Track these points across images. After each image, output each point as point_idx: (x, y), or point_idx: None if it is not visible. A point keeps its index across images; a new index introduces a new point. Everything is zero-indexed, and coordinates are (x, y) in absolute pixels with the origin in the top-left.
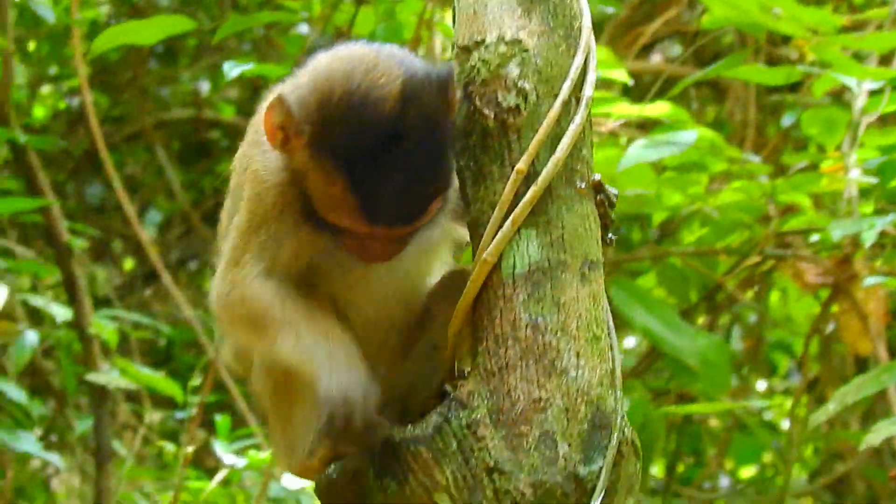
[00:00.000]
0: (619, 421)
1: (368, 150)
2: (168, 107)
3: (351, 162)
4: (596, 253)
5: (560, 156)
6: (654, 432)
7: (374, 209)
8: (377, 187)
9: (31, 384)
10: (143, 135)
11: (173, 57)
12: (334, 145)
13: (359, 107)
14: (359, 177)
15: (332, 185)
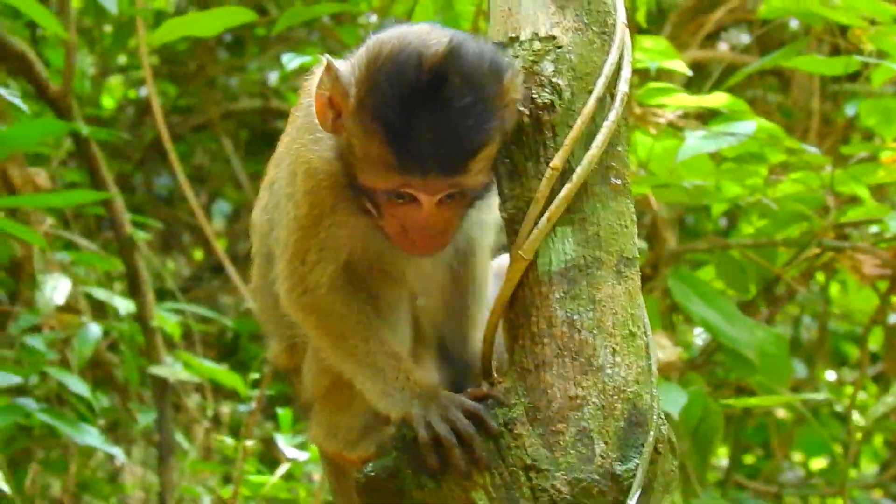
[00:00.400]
0: (656, 418)
1: (405, 99)
2: (236, 97)
3: (388, 111)
4: (632, 250)
5: (595, 152)
6: (714, 425)
7: (408, 158)
8: (412, 135)
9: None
10: (210, 125)
11: (241, 47)
12: (376, 98)
13: (403, 60)
14: (395, 126)
15: (370, 141)
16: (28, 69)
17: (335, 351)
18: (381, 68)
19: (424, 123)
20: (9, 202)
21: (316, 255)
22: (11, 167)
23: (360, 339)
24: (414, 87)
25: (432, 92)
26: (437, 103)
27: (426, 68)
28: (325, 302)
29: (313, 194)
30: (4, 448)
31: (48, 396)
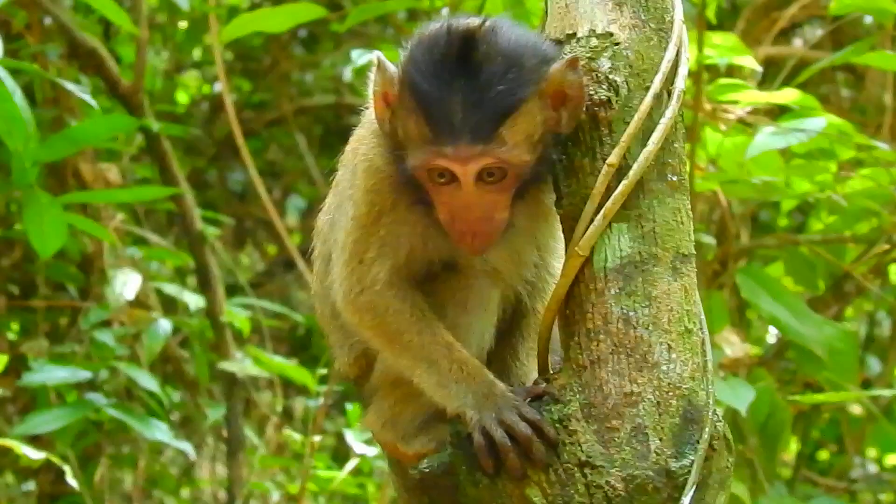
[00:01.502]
0: (711, 415)
1: (435, 68)
2: (310, 92)
3: (421, 83)
4: (688, 246)
5: (651, 149)
6: (781, 421)
7: (436, 123)
8: (439, 101)
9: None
10: (284, 121)
11: (315, 42)
12: (412, 74)
13: (436, 33)
14: (426, 94)
15: (409, 117)
16: (100, 65)
17: (392, 348)
18: (418, 45)
19: (454, 90)
20: (80, 198)
21: (374, 253)
22: (82, 163)
23: (414, 332)
24: (444, 54)
25: (462, 59)
26: (467, 69)
27: (456, 36)
28: (381, 299)
29: (374, 192)
30: (74, 443)
31: (118, 392)
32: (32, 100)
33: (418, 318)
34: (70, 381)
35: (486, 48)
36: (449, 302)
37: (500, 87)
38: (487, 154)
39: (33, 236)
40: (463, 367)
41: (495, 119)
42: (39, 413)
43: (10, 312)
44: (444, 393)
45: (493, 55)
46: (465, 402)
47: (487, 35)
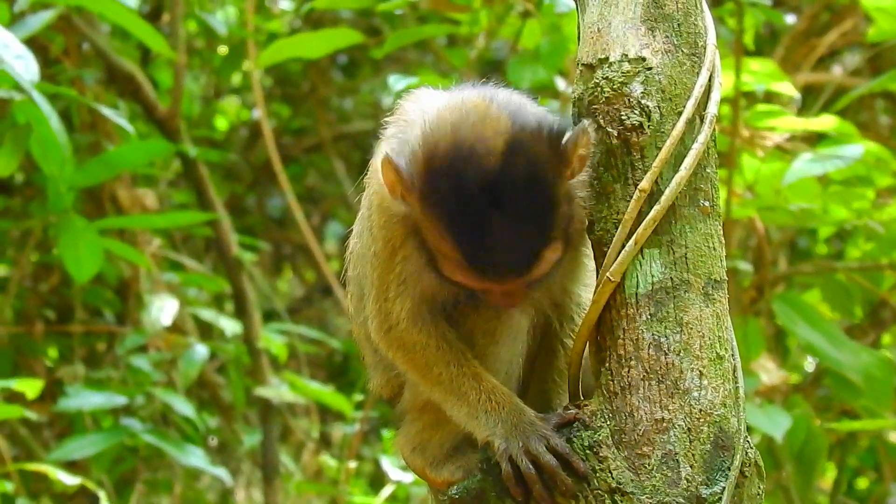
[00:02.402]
0: (743, 441)
1: (470, 205)
2: (349, 118)
3: (455, 217)
4: (720, 272)
5: (684, 174)
6: (818, 448)
7: (479, 264)
8: (479, 242)
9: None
10: (323, 146)
11: (355, 68)
12: (441, 200)
13: (462, 161)
14: (462, 232)
15: (441, 240)
16: (137, 90)
17: (424, 381)
18: (441, 169)
19: (490, 233)
20: (116, 223)
21: (395, 291)
22: (119, 188)
23: (443, 365)
24: (478, 193)
25: (494, 201)
26: (500, 213)
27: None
28: (408, 336)
29: (386, 228)
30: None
31: (154, 417)
32: (70, 125)
33: (445, 350)
34: (106, 407)
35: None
36: (478, 331)
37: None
38: (527, 279)
39: (69, 261)
40: (492, 396)
41: (535, 253)
42: (75, 438)
43: (47, 338)
44: (474, 424)
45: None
46: (494, 433)
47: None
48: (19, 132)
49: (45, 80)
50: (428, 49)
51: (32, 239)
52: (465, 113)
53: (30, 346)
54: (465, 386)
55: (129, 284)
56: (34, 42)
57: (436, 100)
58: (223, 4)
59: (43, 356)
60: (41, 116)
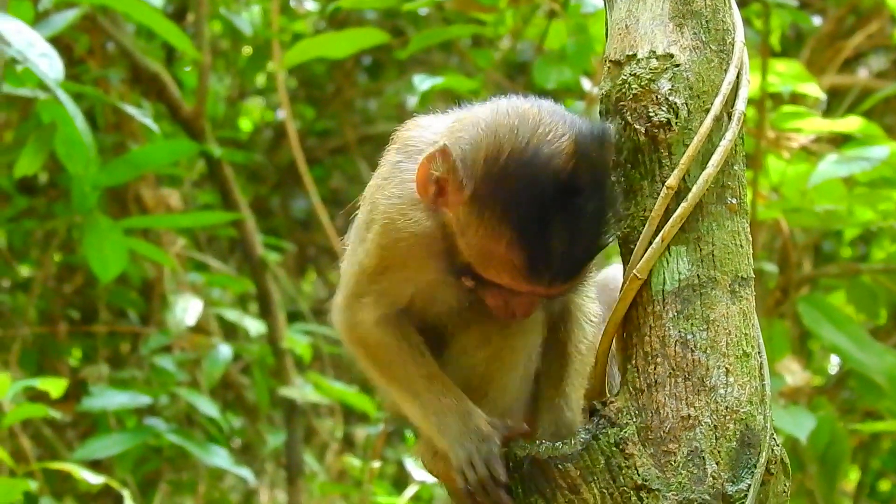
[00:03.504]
0: (769, 439)
1: (542, 207)
2: (373, 120)
3: (523, 219)
4: (747, 269)
5: (711, 172)
6: (842, 450)
7: (537, 267)
8: (546, 245)
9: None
10: (347, 148)
11: (379, 70)
12: (504, 202)
13: (531, 164)
14: (529, 234)
15: (496, 242)
16: (161, 90)
17: (382, 378)
18: (507, 170)
19: (558, 235)
20: (140, 222)
21: (371, 299)
22: (144, 189)
23: (400, 365)
24: (549, 196)
25: (567, 201)
26: (572, 213)
27: (559, 171)
28: (372, 334)
29: (386, 249)
30: (134, 469)
31: (178, 418)
32: (94, 125)
33: (405, 349)
34: (130, 407)
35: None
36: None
37: (600, 229)
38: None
39: (93, 261)
40: (441, 398)
41: (590, 260)
42: (99, 438)
43: (71, 338)
44: (426, 425)
45: (592, 194)
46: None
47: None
48: (44, 131)
49: (69, 80)
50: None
51: (56, 239)
52: (520, 117)
53: (54, 347)
54: (417, 385)
55: (154, 285)
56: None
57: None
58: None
59: (67, 356)
60: (66, 115)
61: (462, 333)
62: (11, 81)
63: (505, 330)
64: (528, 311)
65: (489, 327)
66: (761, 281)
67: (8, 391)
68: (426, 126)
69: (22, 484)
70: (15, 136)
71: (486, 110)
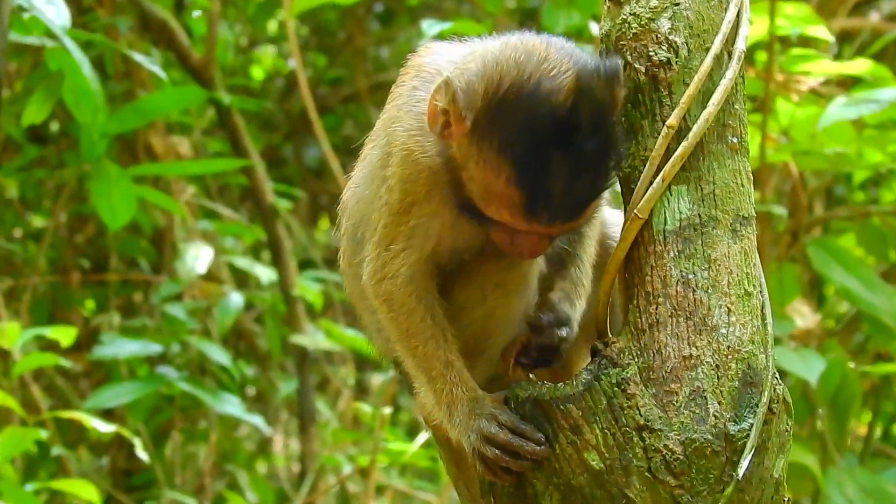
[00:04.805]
0: (771, 378)
1: (539, 143)
2: (385, 68)
3: (519, 154)
4: (748, 208)
5: (712, 111)
6: (852, 393)
7: (536, 205)
8: (544, 182)
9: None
10: (359, 96)
11: (392, 17)
12: (501, 135)
13: (530, 97)
14: (526, 170)
15: (495, 176)
16: (170, 39)
17: (400, 345)
18: (505, 102)
19: (556, 173)
20: (148, 170)
21: (401, 244)
22: (154, 137)
23: (421, 339)
24: (546, 131)
25: (565, 138)
26: (571, 147)
27: (558, 106)
28: (400, 293)
29: (409, 182)
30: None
31: (189, 366)
32: (103, 73)
33: (428, 325)
34: (141, 355)
35: (586, 124)
36: (488, 285)
37: (600, 169)
38: (575, 225)
39: (102, 209)
40: (454, 389)
41: (592, 201)
42: (110, 387)
43: (83, 287)
44: (440, 414)
45: (591, 132)
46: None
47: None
48: (51, 80)
49: (77, 28)
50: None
51: (67, 189)
52: (527, 52)
53: (65, 296)
54: (434, 370)
55: (164, 233)
56: None
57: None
58: None
59: (79, 306)
60: (73, 63)
61: (461, 291)
62: (18, 30)
63: (501, 288)
64: (535, 251)
65: (486, 284)
66: (771, 224)
67: (17, 340)
68: (441, 52)
69: (33, 433)
70: (24, 85)
71: (497, 43)
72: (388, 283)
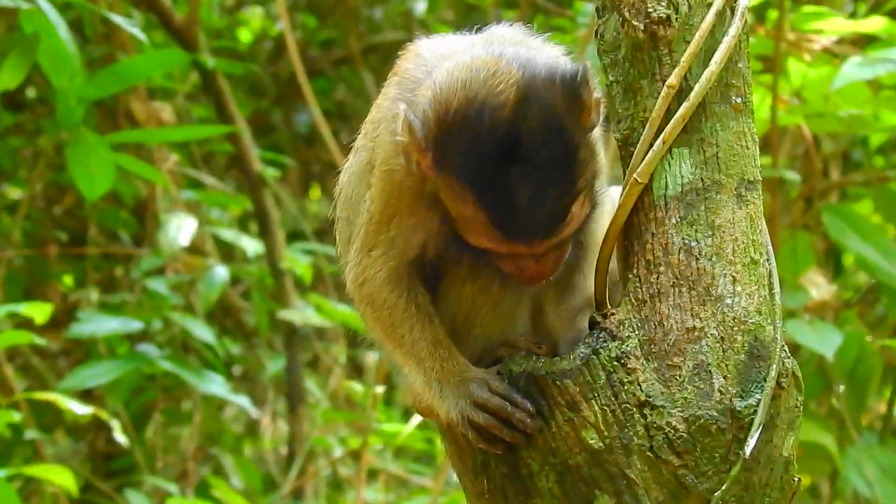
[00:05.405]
0: (779, 351)
1: (488, 162)
2: (379, 29)
3: (474, 177)
4: (753, 172)
5: (714, 69)
6: (871, 367)
7: (506, 225)
8: (503, 201)
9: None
10: (352, 59)
11: None
12: (457, 161)
13: (475, 118)
14: (483, 192)
15: (461, 204)
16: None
17: (387, 340)
18: (454, 128)
19: (512, 187)
20: (128, 137)
21: (381, 251)
22: (134, 102)
23: (406, 328)
24: (494, 149)
25: (511, 150)
26: (524, 164)
27: (500, 122)
28: (379, 293)
29: (390, 195)
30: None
31: (172, 344)
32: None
33: (412, 312)
34: (121, 332)
35: (531, 138)
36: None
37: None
38: (560, 237)
39: (80, 178)
40: (444, 364)
41: (563, 209)
42: (88, 366)
43: (61, 261)
44: (430, 394)
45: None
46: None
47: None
48: (26, 43)
49: None
50: None
51: (44, 157)
52: (475, 69)
53: (42, 271)
54: (423, 351)
55: (146, 204)
56: None
57: (442, 57)
58: None
59: (56, 281)
60: (49, 26)
61: (454, 266)
62: None
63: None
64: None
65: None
66: (783, 190)
67: None
68: (423, 54)
69: (6, 415)
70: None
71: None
72: (367, 286)
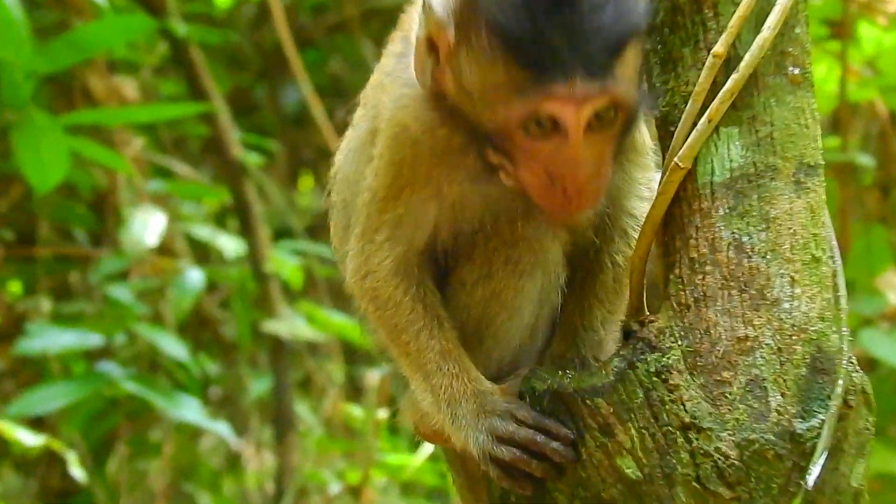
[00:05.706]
0: (846, 364)
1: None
2: None
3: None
4: (814, 155)
5: (767, 36)
6: None
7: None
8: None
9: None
10: (347, 26)
11: None
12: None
13: None
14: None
15: (489, 62)
16: None
17: (392, 345)
18: None
19: (553, 22)
20: (86, 117)
21: (386, 235)
22: (92, 76)
23: (412, 333)
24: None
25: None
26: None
27: None
28: (384, 288)
29: (401, 165)
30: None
31: (138, 361)
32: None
33: (419, 314)
34: (78, 349)
35: None
36: (496, 261)
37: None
38: (605, 92)
39: (29, 166)
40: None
41: (610, 50)
42: (39, 389)
43: (6, 264)
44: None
45: None
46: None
47: None
48: None
49: None
50: None
51: None
52: None
53: None
54: (430, 363)
55: (106, 197)
56: None
57: None
58: None
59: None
60: None
61: (465, 264)
62: None
63: (510, 266)
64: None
65: (494, 259)
66: (855, 177)
67: None
68: None
69: None
70: None
71: None
72: (370, 278)
